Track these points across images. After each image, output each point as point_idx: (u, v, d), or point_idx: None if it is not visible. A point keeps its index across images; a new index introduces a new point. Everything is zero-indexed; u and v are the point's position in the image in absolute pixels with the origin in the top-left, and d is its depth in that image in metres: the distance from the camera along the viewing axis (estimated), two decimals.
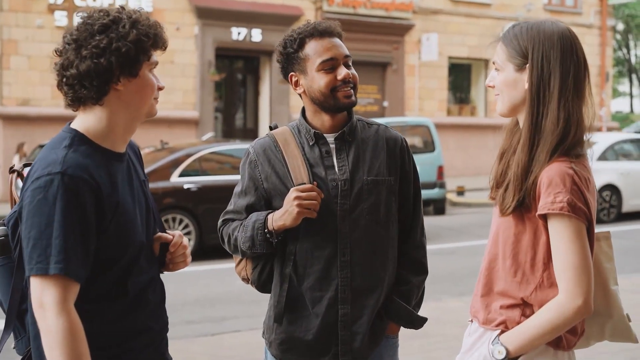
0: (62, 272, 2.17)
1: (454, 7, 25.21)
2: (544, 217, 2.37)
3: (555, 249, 2.35)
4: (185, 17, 20.89)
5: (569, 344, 2.45)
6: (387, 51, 23.96)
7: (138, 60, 2.34)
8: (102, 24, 2.33)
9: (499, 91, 2.51)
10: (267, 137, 2.99)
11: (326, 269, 2.85)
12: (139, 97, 2.39)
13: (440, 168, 16.09)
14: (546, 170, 2.35)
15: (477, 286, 2.58)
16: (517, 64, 2.45)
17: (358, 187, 2.87)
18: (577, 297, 2.31)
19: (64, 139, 2.34)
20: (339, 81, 2.85)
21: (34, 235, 2.20)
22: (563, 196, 2.30)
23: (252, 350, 6.60)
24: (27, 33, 19.10)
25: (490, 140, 25.15)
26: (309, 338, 2.88)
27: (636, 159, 16.61)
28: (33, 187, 2.23)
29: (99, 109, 2.37)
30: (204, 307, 8.68)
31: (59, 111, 19.12)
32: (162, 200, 11.46)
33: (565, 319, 2.32)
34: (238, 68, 23.82)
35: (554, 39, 2.41)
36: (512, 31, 2.50)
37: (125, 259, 2.37)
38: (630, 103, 50.44)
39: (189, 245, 2.63)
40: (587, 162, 2.43)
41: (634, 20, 44.32)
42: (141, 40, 2.33)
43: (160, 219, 2.62)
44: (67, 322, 2.17)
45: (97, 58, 2.29)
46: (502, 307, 2.45)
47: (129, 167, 2.47)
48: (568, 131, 2.38)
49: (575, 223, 2.32)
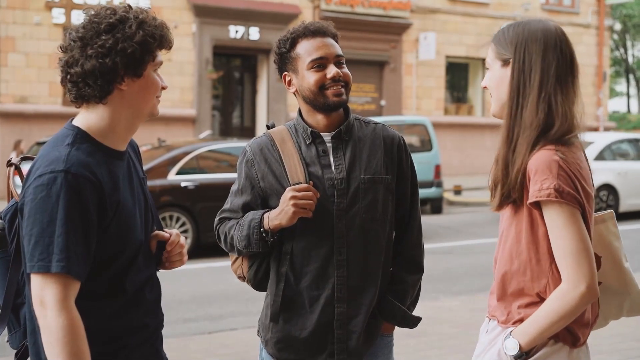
0: (64, 271, 2.18)
1: (451, 6, 25.22)
2: (538, 208, 2.37)
3: (552, 237, 2.35)
4: (183, 15, 20.89)
5: (584, 336, 2.45)
6: (384, 50, 23.97)
7: (143, 61, 2.34)
8: (109, 23, 2.32)
9: (490, 89, 2.53)
10: (264, 136, 2.99)
11: (322, 267, 2.85)
12: (141, 97, 2.39)
13: (438, 167, 16.11)
14: (533, 159, 2.35)
15: (493, 287, 2.59)
16: (503, 59, 2.47)
17: (354, 185, 2.87)
18: (579, 283, 2.31)
19: (67, 136, 2.34)
20: (328, 79, 2.85)
21: (36, 233, 2.20)
22: (550, 182, 2.30)
23: (248, 348, 6.60)
24: (24, 30, 19.09)
25: (487, 140, 25.19)
26: (305, 336, 2.89)
27: (633, 159, 16.63)
28: (36, 184, 2.23)
29: (102, 108, 2.36)
30: (201, 305, 8.68)
31: (56, 108, 19.14)
32: (159, 198, 11.46)
33: (571, 307, 2.32)
34: (236, 66, 23.82)
35: (538, 35, 2.43)
36: (501, 30, 2.52)
37: (124, 257, 2.38)
38: (627, 103, 50.48)
39: (186, 244, 2.63)
40: (578, 150, 2.42)
41: (632, 20, 44.37)
42: (147, 41, 2.33)
43: (158, 217, 2.62)
44: (68, 320, 2.17)
45: (102, 58, 2.29)
46: (521, 307, 2.46)
47: (129, 165, 2.48)
48: (552, 123, 2.38)
49: (567, 208, 2.31)
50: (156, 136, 14.87)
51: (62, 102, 19.17)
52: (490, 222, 15.49)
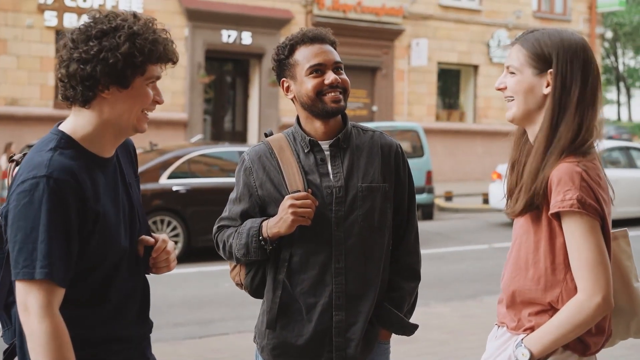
0: (48, 277, 2.17)
1: (444, 13, 25.28)
2: (557, 218, 2.38)
3: (570, 248, 2.36)
4: (175, 19, 20.87)
5: (596, 345, 2.45)
6: (376, 56, 24.00)
7: (125, 74, 2.29)
8: (101, 30, 2.30)
9: (514, 94, 2.51)
10: (262, 144, 2.99)
11: (320, 275, 2.86)
12: (125, 107, 2.35)
13: (429, 173, 16.13)
14: (555, 170, 2.37)
15: (501, 295, 2.59)
16: (538, 68, 2.47)
17: (352, 193, 2.88)
18: (595, 294, 2.32)
19: (51, 140, 2.33)
20: (326, 85, 2.85)
21: (20, 240, 2.19)
22: (572, 193, 2.32)
23: (239, 353, 6.60)
24: (16, 32, 19.05)
25: (478, 146, 25.25)
26: (302, 343, 2.89)
27: (624, 167, 16.67)
28: (19, 190, 2.22)
29: (87, 113, 2.35)
30: (192, 310, 8.67)
31: (47, 111, 19.09)
32: (150, 202, 11.43)
33: (586, 318, 2.33)
34: (227, 70, 23.82)
35: (577, 49, 2.45)
36: (533, 36, 2.51)
37: (107, 264, 2.37)
38: (618, 111, 50.69)
39: (174, 250, 2.61)
40: (597, 161, 2.45)
41: (622, 29, 44.58)
42: (133, 54, 2.28)
43: (147, 222, 2.60)
44: (52, 326, 2.17)
45: (83, 64, 2.28)
46: (531, 314, 2.46)
47: (115, 171, 2.46)
48: (577, 135, 2.41)
49: (587, 220, 2.33)
50: (148, 140, 14.86)
51: (54, 105, 19.13)
52: (480, 229, 15.53)
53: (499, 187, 15.53)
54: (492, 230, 15.27)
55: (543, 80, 2.45)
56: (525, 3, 26.75)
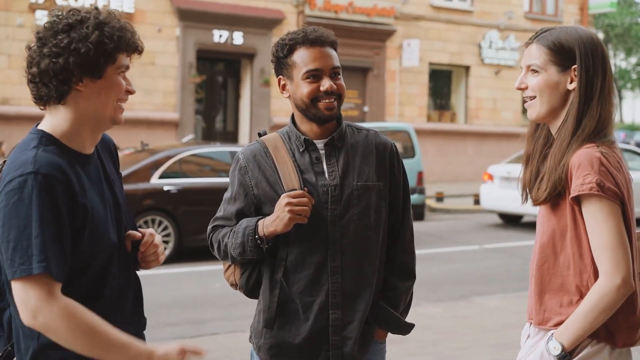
0: (46, 271, 2.15)
1: (435, 14, 25.31)
2: (578, 203, 2.43)
3: (590, 231, 2.42)
4: (166, 18, 20.84)
5: (630, 337, 2.49)
6: (368, 56, 24.01)
7: (98, 62, 2.31)
8: (67, 24, 2.30)
9: (538, 93, 2.58)
10: (257, 143, 2.99)
11: (317, 274, 2.86)
12: (100, 98, 2.36)
13: (420, 174, 16.13)
14: (575, 156, 2.44)
15: (530, 292, 2.64)
16: (562, 65, 2.55)
17: (348, 192, 2.88)
18: (615, 276, 2.36)
19: (32, 139, 2.33)
20: (321, 92, 2.85)
21: (14, 238, 2.17)
22: (592, 177, 2.38)
23: (230, 353, 6.59)
24: (7, 32, 18.98)
25: (469, 147, 25.29)
26: (299, 342, 2.89)
27: None
28: (7, 190, 2.21)
29: (63, 109, 2.35)
30: (183, 310, 8.65)
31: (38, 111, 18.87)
32: (141, 202, 11.42)
33: (609, 301, 2.37)
34: (219, 70, 23.80)
35: (595, 43, 2.56)
36: (551, 35, 2.59)
37: (99, 261, 2.36)
38: None
39: (161, 243, 2.60)
40: (616, 147, 2.52)
41: (614, 30, 44.72)
42: (103, 42, 2.30)
43: (132, 218, 2.60)
44: (61, 306, 2.16)
45: (55, 57, 2.28)
46: (562, 306, 2.51)
47: (97, 168, 2.45)
48: (598, 124, 2.50)
49: (607, 203, 2.38)
50: (139, 139, 14.83)
51: None
52: (472, 230, 15.55)
53: (490, 188, 15.58)
54: (483, 231, 15.29)
55: (567, 76, 2.54)
56: (517, 4, 26.80)
